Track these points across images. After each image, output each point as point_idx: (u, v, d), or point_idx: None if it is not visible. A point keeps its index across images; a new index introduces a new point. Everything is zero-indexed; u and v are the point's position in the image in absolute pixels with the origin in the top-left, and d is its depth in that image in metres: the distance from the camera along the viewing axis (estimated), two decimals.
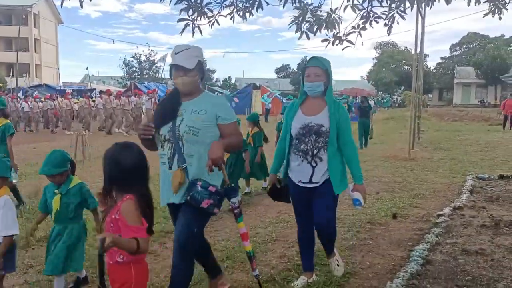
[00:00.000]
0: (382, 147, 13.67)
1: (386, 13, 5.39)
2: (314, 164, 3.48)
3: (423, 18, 11.94)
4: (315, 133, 3.41)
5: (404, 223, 5.59)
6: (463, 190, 7.19)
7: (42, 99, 20.81)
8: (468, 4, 5.26)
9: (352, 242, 4.83)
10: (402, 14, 5.32)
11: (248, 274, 4.04)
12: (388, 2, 5.35)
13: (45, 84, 35.59)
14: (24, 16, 43.73)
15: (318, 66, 3.43)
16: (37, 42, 50.26)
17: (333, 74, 3.60)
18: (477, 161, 10.64)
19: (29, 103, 19.75)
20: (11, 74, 36.75)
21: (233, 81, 67.98)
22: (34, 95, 22.53)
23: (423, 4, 7.19)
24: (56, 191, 3.52)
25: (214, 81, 64.09)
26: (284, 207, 6.44)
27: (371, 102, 30.18)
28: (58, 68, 56.66)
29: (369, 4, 5.48)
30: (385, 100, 49.30)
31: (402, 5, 5.27)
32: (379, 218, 5.80)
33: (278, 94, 28.14)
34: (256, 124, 7.53)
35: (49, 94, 22.00)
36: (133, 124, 18.73)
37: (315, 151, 3.45)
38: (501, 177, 8.35)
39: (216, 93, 40.82)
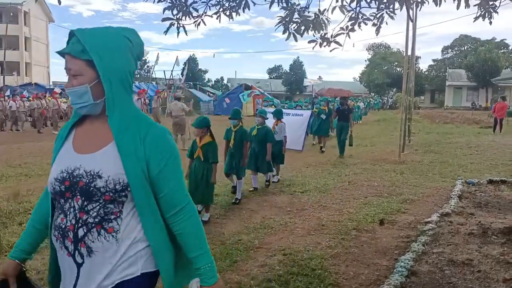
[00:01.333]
0: (372, 150, 13.57)
1: (375, 13, 5.27)
2: (79, 260, 1.57)
3: (412, 21, 11.86)
4: (82, 192, 1.56)
5: (391, 230, 5.46)
6: (452, 196, 7.08)
7: (30, 99, 20.52)
8: (458, 8, 5.15)
9: (337, 251, 4.68)
10: (391, 14, 5.21)
11: (227, 284, 3.88)
12: (377, 3, 5.24)
13: (35, 83, 35.16)
14: (13, 14, 43.14)
15: (73, 56, 1.59)
16: (27, 41, 49.65)
17: (326, 74, 3.26)
18: (466, 165, 10.57)
19: (16, 102, 19.44)
20: (0, 72, 36.25)
21: (225, 82, 67.78)
22: (21, 94, 22.16)
23: (413, 5, 7.09)
24: None
25: (205, 81, 63.79)
26: (269, 211, 6.31)
27: (360, 104, 29.26)
28: (49, 67, 56.06)
29: (358, 5, 5.36)
30: (375, 102, 48.73)
31: (391, 6, 5.15)
32: (366, 224, 5.67)
33: (268, 95, 28.06)
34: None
35: (35, 93, 21.65)
36: None
37: (82, 231, 1.55)
38: (490, 182, 8.27)
39: (207, 93, 40.69)
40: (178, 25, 5.50)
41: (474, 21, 5.36)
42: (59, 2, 4.56)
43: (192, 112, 19.71)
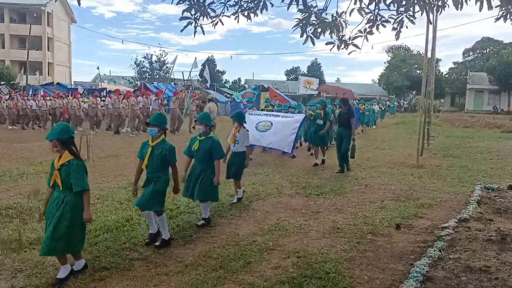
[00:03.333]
0: (389, 153, 13.43)
1: (394, 17, 5.22)
2: None
3: (432, 24, 11.70)
4: None
5: (407, 235, 5.40)
6: (471, 201, 6.97)
7: (52, 98, 20.92)
8: (480, 10, 5.06)
9: (352, 254, 4.66)
10: (411, 18, 5.15)
11: (240, 285, 3.90)
12: (396, 5, 5.19)
13: (57, 82, 35.82)
14: (36, 15, 44.09)
15: None
16: (50, 41, 50.66)
17: (345, 76, 3.22)
18: (486, 170, 10.37)
19: (37, 101, 19.85)
20: (22, 71, 37.08)
21: (242, 83, 67.94)
22: (41, 93, 22.61)
23: (434, 9, 7.00)
24: None
25: (223, 82, 64.08)
26: (284, 213, 6.31)
27: (375, 107, 27.42)
28: (70, 67, 57.11)
29: (376, 8, 5.32)
30: (391, 105, 45.66)
31: (411, 9, 5.10)
32: (382, 228, 5.62)
33: (286, 97, 27.94)
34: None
35: (57, 93, 22.08)
36: (140, 124, 18.72)
37: None
38: (511, 187, 8.09)
39: (224, 94, 40.83)
40: (195, 25, 5.55)
41: (496, 21, 5.27)
42: (79, 3, 4.64)
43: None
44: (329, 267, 4.26)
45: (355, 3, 5.24)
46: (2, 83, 32.46)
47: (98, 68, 70.48)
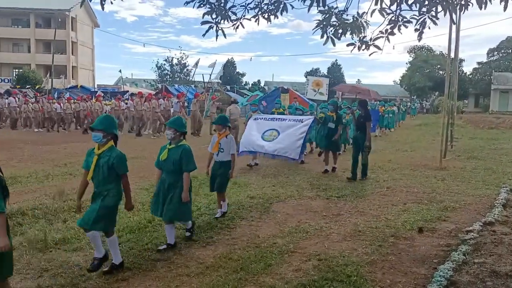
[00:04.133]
0: (411, 155, 13.23)
1: (416, 17, 5.15)
2: None
3: (455, 24, 11.49)
4: None
5: (430, 238, 5.32)
6: (496, 204, 6.81)
7: (76, 101, 21.37)
8: (505, 9, 4.96)
9: (374, 258, 4.61)
10: (434, 19, 5.08)
11: (261, 287, 3.91)
12: (418, 6, 5.12)
13: (81, 85, 36.56)
14: (61, 20, 45.13)
15: None
16: (74, 45, 51.80)
17: (365, 78, 3.15)
18: None
19: (62, 104, 20.31)
20: (48, 75, 38.08)
21: (262, 85, 67.99)
22: (66, 96, 23.11)
23: (457, 8, 6.88)
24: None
25: (243, 84, 64.28)
26: (305, 216, 6.29)
27: (394, 108, 25.17)
28: (94, 70, 58.24)
29: (398, 8, 5.26)
30: (413, 107, 43.56)
31: (433, 9, 5.02)
32: (404, 231, 5.55)
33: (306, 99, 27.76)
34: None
35: (80, 96, 22.55)
36: (161, 126, 18.94)
37: None
38: None
39: (244, 96, 40.98)
40: (217, 28, 5.59)
41: None
42: (102, 8, 4.75)
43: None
44: (351, 270, 4.22)
45: (376, 4, 5.19)
46: (28, 87, 33.29)
47: (120, 71, 71.92)
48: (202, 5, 5.36)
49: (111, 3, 4.62)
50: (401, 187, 8.33)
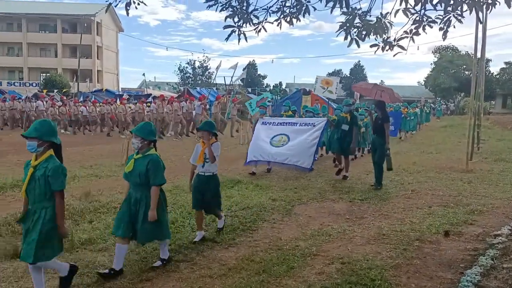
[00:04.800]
0: (437, 157, 12.96)
1: (441, 17, 5.06)
2: None
3: (481, 23, 11.22)
4: None
5: (457, 242, 5.20)
6: None
7: (101, 104, 21.81)
8: None
9: (398, 261, 4.54)
10: (459, 18, 4.98)
11: None
12: (443, 5, 5.03)
13: (106, 89, 37.27)
14: (86, 25, 46.16)
15: None
16: (99, 49, 52.96)
17: (389, 79, 3.03)
18: None
19: (87, 107, 20.75)
20: (74, 79, 39.07)
21: (283, 87, 67.92)
22: (92, 99, 23.59)
23: (483, 7, 6.73)
24: None
25: (264, 86, 64.34)
26: (327, 218, 6.25)
27: (417, 110, 24.21)
28: (118, 74, 59.33)
29: (422, 8, 5.18)
30: (439, 109, 41.49)
31: (459, 8, 4.92)
32: (430, 235, 5.44)
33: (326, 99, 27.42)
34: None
35: (105, 99, 22.98)
36: (183, 128, 19.15)
37: None
38: None
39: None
40: (239, 32, 5.62)
41: None
42: (127, 13, 4.85)
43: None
44: (375, 274, 4.17)
45: (400, 4, 5.12)
46: (55, 90, 34.12)
47: (144, 74, 73.11)
48: (224, 9, 5.39)
49: (136, 8, 4.70)
50: (426, 189, 8.18)
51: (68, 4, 58.75)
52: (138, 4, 4.70)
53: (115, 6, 4.69)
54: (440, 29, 5.15)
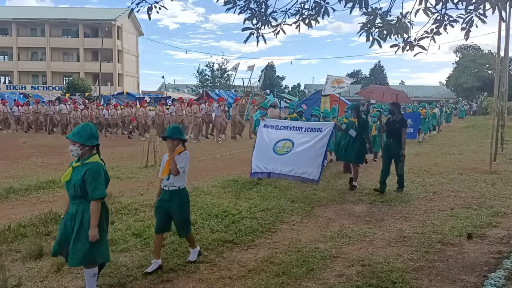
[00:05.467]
0: (459, 158, 12.72)
1: (463, 16, 4.98)
2: None
3: (504, 21, 10.99)
4: None
5: (480, 245, 5.10)
6: None
7: (122, 107, 22.17)
8: None
9: (420, 264, 4.48)
10: (482, 17, 4.89)
11: None
12: (465, 4, 4.95)
13: (127, 92, 37.85)
14: (107, 29, 46.93)
15: None
16: (120, 53, 53.84)
17: (409, 79, 2.96)
18: None
19: (109, 110, 21.12)
20: (96, 83, 39.77)
21: (302, 88, 67.73)
22: (113, 103, 24.00)
23: (506, 5, 6.59)
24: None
25: (282, 88, 64.29)
26: (348, 221, 6.20)
27: (436, 110, 23.19)
28: (138, 77, 60.17)
29: (443, 7, 5.11)
30: (462, 109, 39.75)
31: (481, 7, 4.84)
32: (452, 237, 5.35)
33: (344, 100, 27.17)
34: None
35: (126, 102, 23.36)
36: (202, 130, 19.29)
37: None
38: None
39: (284, 99, 40.97)
40: (258, 34, 5.64)
41: None
42: (149, 18, 4.93)
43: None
44: (396, 276, 4.12)
45: (420, 3, 5.07)
46: (78, 94, 34.82)
47: (163, 77, 74.09)
48: (243, 11, 5.42)
49: (157, 12, 4.77)
50: (448, 191, 8.04)
51: (90, 9, 59.87)
52: (159, 8, 4.77)
53: (137, 12, 4.76)
54: (462, 29, 5.07)
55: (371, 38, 5.22)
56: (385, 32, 5.22)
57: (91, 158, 3.75)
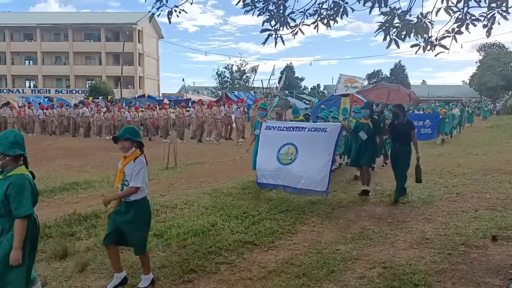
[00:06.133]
0: (483, 159, 12.44)
1: (485, 14, 4.89)
2: None
3: None
4: None
5: (505, 247, 4.98)
6: None
7: (143, 109, 22.49)
8: None
9: (443, 266, 4.41)
10: (504, 14, 4.79)
11: None
12: (487, 1, 4.85)
13: (148, 95, 38.35)
14: (128, 33, 47.68)
15: None
16: (140, 56, 54.59)
17: (431, 78, 2.64)
18: None
19: (131, 112, 21.44)
20: (118, 86, 40.50)
21: (321, 89, 67.39)
22: (135, 105, 24.36)
23: None
24: None
25: (302, 89, 64.10)
26: (368, 222, 6.15)
27: (455, 111, 21.20)
28: (158, 80, 60.89)
29: (465, 5, 5.02)
30: (485, 109, 38.10)
31: (504, 4, 4.74)
32: (476, 239, 5.25)
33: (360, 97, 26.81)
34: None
35: (147, 104, 23.68)
36: (222, 132, 19.40)
37: None
38: None
39: (303, 100, 40.84)
40: (276, 36, 5.65)
41: None
42: (170, 22, 5.00)
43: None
44: (418, 279, 4.07)
45: (442, 2, 5.00)
46: (100, 97, 35.45)
47: (183, 80, 74.84)
48: (261, 13, 5.45)
49: (177, 16, 4.83)
50: (472, 192, 7.88)
51: (111, 14, 60.86)
52: (179, 12, 4.83)
53: (158, 16, 4.83)
54: (484, 26, 4.97)
55: (388, 38, 5.18)
56: (404, 32, 5.17)
57: (15, 170, 3.30)
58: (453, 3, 4.98)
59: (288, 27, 5.62)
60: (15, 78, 55.30)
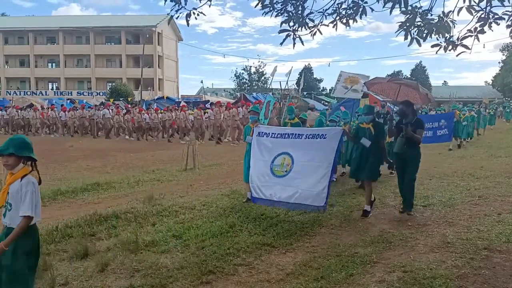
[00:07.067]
0: (506, 161, 12.16)
1: (509, 13, 4.78)
2: None
3: None
4: None
5: None
6: None
7: (162, 111, 22.72)
8: None
9: (464, 271, 4.31)
10: None
11: None
12: (510, 0, 4.75)
13: (167, 97, 38.72)
14: (148, 36, 48.26)
15: None
16: (160, 59, 55.20)
17: (453, 79, 2.61)
18: None
19: (149, 114, 21.68)
20: (139, 88, 41.01)
21: None
22: (154, 107, 24.62)
23: None
24: None
25: (320, 90, 63.76)
26: (388, 225, 6.07)
27: (473, 113, 19.13)
28: (178, 82, 61.45)
29: (488, 4, 4.92)
30: (508, 110, 36.03)
31: None
32: (499, 244, 5.12)
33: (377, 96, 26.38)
34: None
35: (167, 106, 23.90)
36: (240, 134, 19.44)
37: None
38: None
39: (322, 102, 40.59)
40: (294, 36, 5.63)
41: None
42: (188, 24, 5.03)
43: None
44: (439, 283, 3.99)
45: (464, 1, 4.91)
46: (121, 99, 35.96)
47: (202, 81, 75.35)
48: (280, 14, 5.44)
49: (196, 18, 4.87)
50: (495, 196, 7.70)
51: (131, 17, 61.78)
52: (198, 14, 4.86)
53: (176, 18, 4.87)
54: (508, 26, 4.86)
55: (409, 37, 5.11)
56: (425, 31, 5.09)
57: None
58: (475, 2, 4.89)
59: (306, 27, 5.59)
60: (38, 80, 56.59)
